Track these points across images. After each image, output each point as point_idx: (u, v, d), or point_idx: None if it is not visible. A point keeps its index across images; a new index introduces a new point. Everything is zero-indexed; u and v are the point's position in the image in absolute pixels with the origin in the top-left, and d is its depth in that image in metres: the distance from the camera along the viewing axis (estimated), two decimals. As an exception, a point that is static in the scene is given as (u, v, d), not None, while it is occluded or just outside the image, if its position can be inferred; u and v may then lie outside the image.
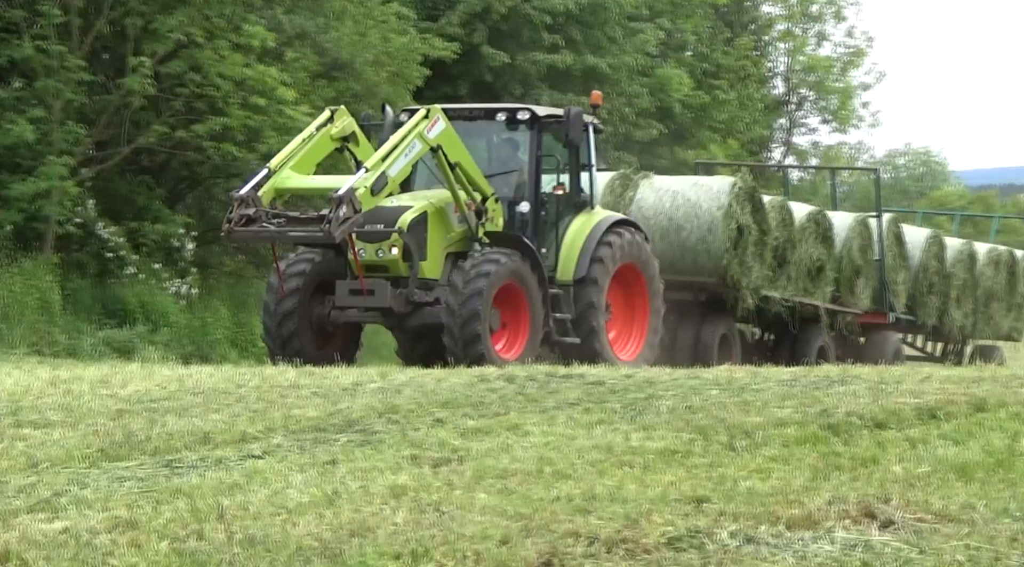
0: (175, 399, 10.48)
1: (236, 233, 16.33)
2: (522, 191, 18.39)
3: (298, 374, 12.41)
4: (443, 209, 17.62)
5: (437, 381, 11.90)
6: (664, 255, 21.55)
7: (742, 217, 22.47)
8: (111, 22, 28.62)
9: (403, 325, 17.67)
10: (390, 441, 8.56)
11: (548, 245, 18.46)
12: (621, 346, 19.14)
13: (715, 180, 23.40)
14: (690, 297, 22.54)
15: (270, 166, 16.87)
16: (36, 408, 9.86)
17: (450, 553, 5.64)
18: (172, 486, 7.12)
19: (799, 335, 24.77)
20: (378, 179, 16.35)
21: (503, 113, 18.70)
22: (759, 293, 22.87)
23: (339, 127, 17.33)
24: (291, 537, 5.86)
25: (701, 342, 22.60)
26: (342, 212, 15.74)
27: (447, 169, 17.22)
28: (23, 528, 6.10)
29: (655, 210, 22.61)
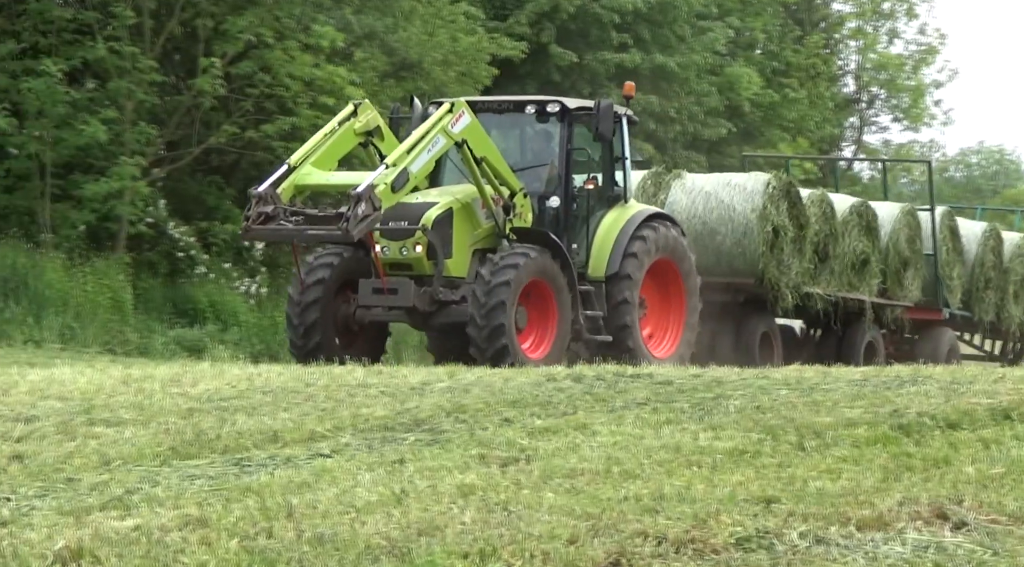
0: (245, 398, 10.54)
1: (253, 231, 15.98)
2: (553, 186, 17.91)
3: (366, 373, 12.45)
4: (469, 205, 17.13)
5: (505, 380, 11.90)
6: (699, 259, 21.01)
7: (777, 217, 22.00)
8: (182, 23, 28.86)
9: (428, 324, 17.28)
10: (458, 440, 8.57)
11: (579, 241, 17.98)
12: (656, 343, 18.69)
13: (749, 178, 22.76)
14: (728, 297, 22.12)
15: (290, 162, 16.43)
16: (108, 406, 9.94)
17: (518, 552, 5.63)
18: (242, 484, 7.15)
19: (846, 331, 24.19)
20: (399, 175, 15.89)
21: (532, 106, 18.14)
22: (800, 290, 22.40)
23: (363, 121, 16.81)
24: (359, 536, 5.87)
25: (741, 342, 22.16)
26: (360, 210, 15.30)
27: (473, 164, 16.78)
28: (96, 525, 6.15)
29: (688, 213, 22.12)
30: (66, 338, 24.00)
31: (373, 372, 12.74)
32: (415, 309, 16.64)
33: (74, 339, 24.10)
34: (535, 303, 16.92)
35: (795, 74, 51.18)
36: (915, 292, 25.31)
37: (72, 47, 26.91)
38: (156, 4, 28.38)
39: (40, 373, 12.05)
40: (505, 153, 17.63)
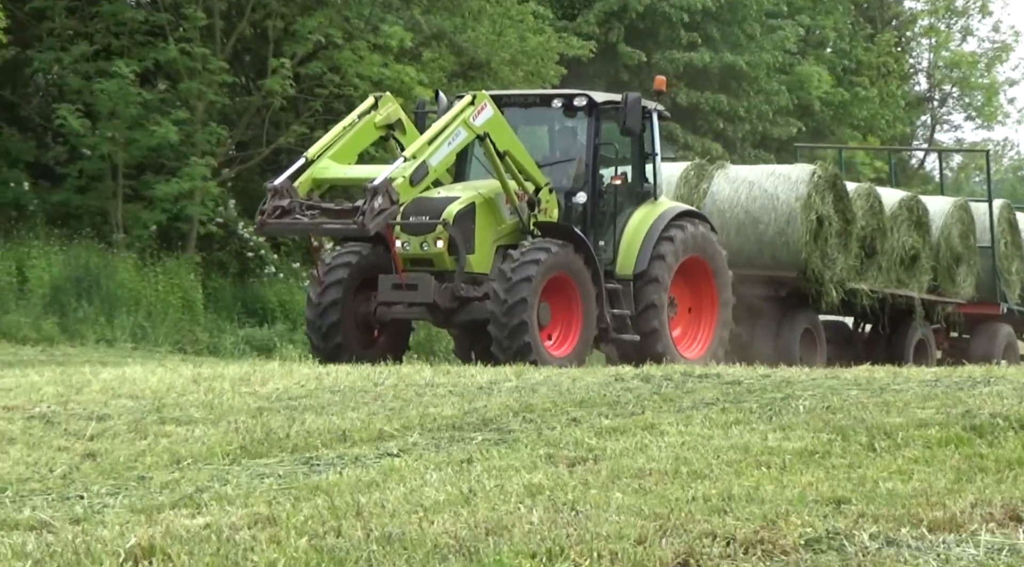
0: (314, 397, 10.58)
1: (269, 225, 15.61)
2: (580, 181, 17.46)
3: (434, 373, 12.47)
4: (492, 200, 16.71)
5: (572, 380, 11.89)
6: (741, 249, 20.73)
7: (822, 208, 21.37)
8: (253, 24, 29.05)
9: (450, 322, 16.81)
10: (526, 440, 8.56)
11: (607, 238, 17.56)
12: (687, 344, 18.24)
13: (794, 169, 22.15)
14: (770, 292, 21.48)
15: (307, 155, 16.11)
16: (179, 405, 10.01)
17: (586, 552, 5.62)
18: (311, 483, 7.18)
19: (895, 329, 23.54)
20: (418, 168, 15.52)
21: (559, 99, 17.67)
22: (844, 286, 21.73)
23: (383, 115, 16.45)
24: (427, 535, 5.88)
25: (781, 339, 21.47)
26: (377, 203, 14.97)
27: (495, 158, 16.37)
28: (167, 523, 6.19)
29: (730, 203, 21.50)
30: (137, 337, 24.22)
31: (441, 371, 12.76)
32: (436, 306, 16.23)
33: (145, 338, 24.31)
34: (558, 299, 16.51)
35: (866, 72, 50.83)
36: (968, 289, 24.61)
37: (144, 48, 27.15)
38: (227, 5, 28.58)
39: (112, 372, 12.16)
40: (531, 148, 17.27)
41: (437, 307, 16.21)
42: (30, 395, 10.34)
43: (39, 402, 10.03)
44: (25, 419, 9.26)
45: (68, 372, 12.18)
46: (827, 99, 47.10)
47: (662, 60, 41.63)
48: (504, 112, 16.93)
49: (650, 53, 41.51)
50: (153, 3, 28.02)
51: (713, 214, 20.82)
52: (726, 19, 42.66)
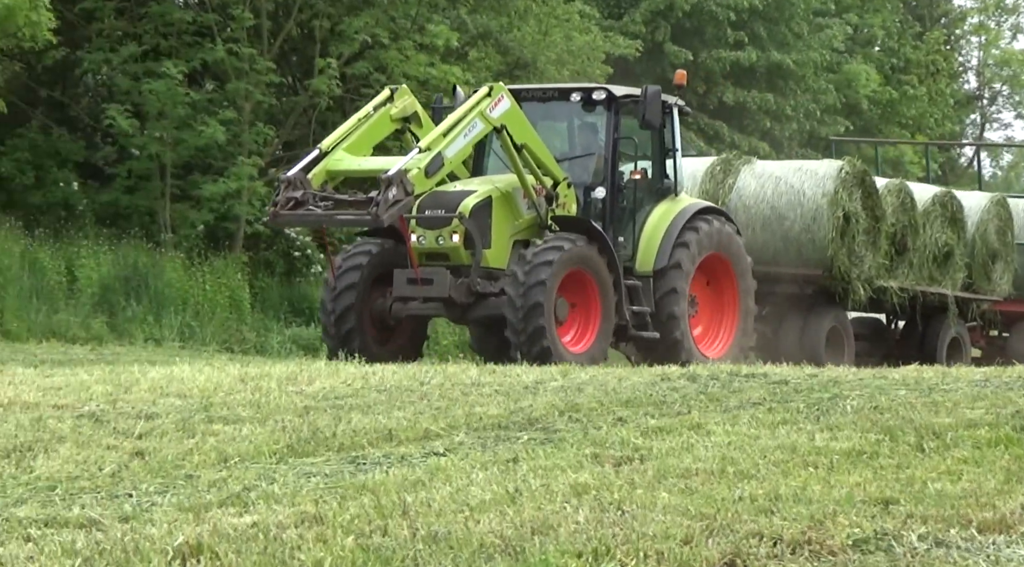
0: (360, 396, 10.61)
1: (282, 217, 15.38)
2: (599, 176, 17.23)
3: (480, 372, 12.48)
4: (510, 194, 16.45)
5: (619, 380, 11.87)
6: (766, 246, 20.49)
7: (850, 204, 20.94)
8: (299, 24, 29.17)
9: (467, 317, 16.53)
10: (572, 439, 8.55)
11: (626, 234, 17.28)
12: (708, 342, 17.94)
13: (821, 164, 21.79)
14: (795, 290, 21.14)
15: (321, 147, 15.92)
16: (226, 404, 10.05)
17: (632, 552, 5.61)
18: (357, 482, 7.19)
19: (927, 327, 23.09)
20: (433, 160, 15.27)
21: (578, 93, 17.41)
22: (872, 284, 21.31)
23: (399, 107, 16.25)
24: (473, 534, 5.88)
25: (807, 337, 21.08)
26: (391, 194, 14.71)
27: (512, 151, 16.13)
28: (214, 522, 6.21)
29: (756, 198, 21.13)
30: (185, 336, 24.36)
31: (487, 371, 12.77)
32: (452, 301, 15.94)
33: (193, 337, 24.44)
34: (576, 294, 16.23)
35: (915, 71, 50.56)
36: (1004, 286, 24.09)
37: (192, 49, 27.30)
38: (274, 6, 28.70)
39: (160, 371, 12.22)
40: (550, 143, 17.07)
41: (453, 302, 15.95)
42: (79, 394, 10.41)
43: (88, 401, 10.09)
44: (75, 418, 9.32)
45: (117, 371, 12.25)
46: (875, 98, 46.88)
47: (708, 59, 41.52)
48: (523, 106, 16.74)
49: (696, 52, 41.42)
50: (201, 4, 28.17)
51: (738, 210, 20.60)
52: (773, 17, 42.52)
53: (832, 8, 45.61)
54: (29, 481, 7.31)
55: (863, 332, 23.16)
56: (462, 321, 17.15)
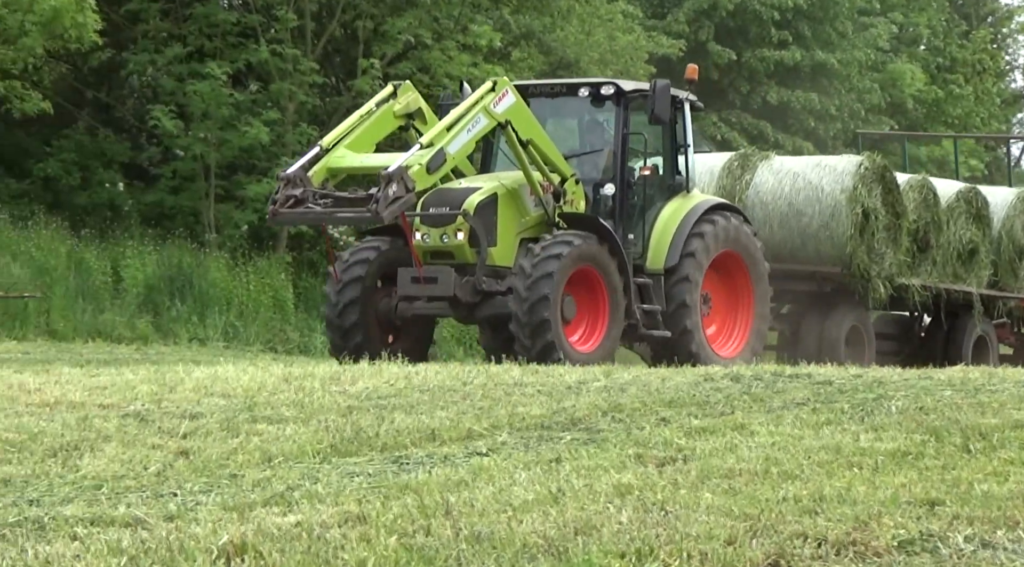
0: (403, 396, 10.62)
1: (281, 215, 15.06)
2: (609, 173, 16.86)
3: (523, 372, 12.48)
4: (516, 191, 16.11)
5: (662, 380, 11.84)
6: (784, 243, 20.08)
7: (869, 200, 20.36)
8: (343, 25, 29.25)
9: (473, 317, 16.13)
10: (615, 440, 8.54)
11: (636, 231, 16.91)
12: (723, 342, 17.56)
13: (840, 160, 21.22)
14: (813, 288, 20.72)
15: (322, 144, 15.57)
16: (270, 404, 10.08)
17: (675, 552, 5.60)
18: (400, 482, 7.20)
19: (953, 325, 22.51)
20: (435, 156, 14.96)
21: (586, 88, 17.01)
22: (894, 281, 20.79)
23: (403, 103, 15.94)
24: (516, 534, 5.88)
25: (826, 336, 20.55)
26: (392, 191, 14.44)
27: (518, 147, 15.79)
28: (258, 521, 6.23)
29: (774, 195, 20.57)
30: (229, 336, 24.47)
31: (529, 371, 12.76)
32: (457, 300, 15.60)
33: (237, 337, 24.55)
34: (584, 292, 15.89)
35: (961, 70, 50.25)
36: None
37: (236, 50, 27.43)
38: (317, 7, 28.79)
39: (204, 370, 12.27)
40: (560, 139, 16.80)
41: (459, 301, 15.64)
42: (125, 393, 10.46)
43: (134, 400, 10.14)
44: (120, 417, 9.37)
45: (162, 371, 12.31)
46: (920, 97, 46.62)
47: (752, 58, 41.40)
48: (531, 102, 16.53)
49: (740, 51, 41.30)
50: (245, 5, 28.30)
51: (756, 206, 20.27)
52: (817, 17, 42.35)
53: (877, 7, 45.39)
54: (75, 480, 7.36)
55: (888, 331, 22.79)
56: (468, 320, 16.78)
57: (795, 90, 41.79)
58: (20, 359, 16.99)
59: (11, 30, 24.22)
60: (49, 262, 24.59)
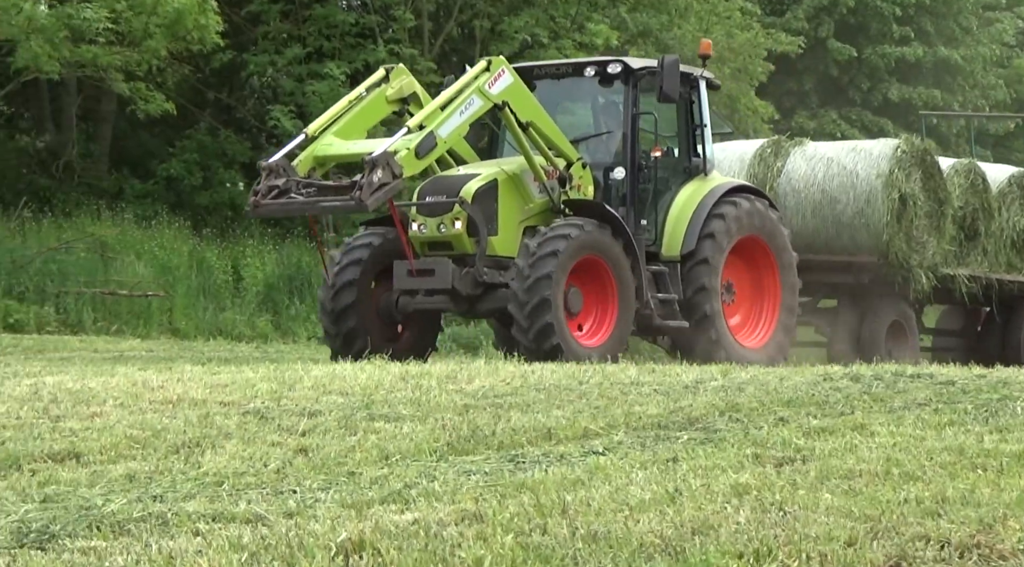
0: (519, 395, 10.62)
1: (263, 207, 14.33)
2: (621, 156, 16.04)
3: (639, 371, 12.43)
4: (518, 177, 15.28)
5: (780, 379, 11.74)
6: (817, 232, 19.23)
7: (907, 185, 19.31)
8: (460, 25, 29.36)
9: (475, 310, 15.29)
10: (732, 439, 8.48)
11: (650, 216, 16.04)
12: (748, 332, 16.58)
13: (877, 144, 20.10)
14: (850, 279, 19.53)
15: (307, 131, 14.89)
16: (387, 402, 10.14)
17: (794, 553, 5.54)
18: (516, 481, 7.21)
19: (1009, 318, 21.35)
20: (425, 139, 14.17)
21: (592, 67, 16.17)
22: (937, 271, 19.71)
23: (396, 88, 15.17)
24: (633, 534, 5.85)
25: (865, 331, 19.53)
26: (376, 177, 13.71)
27: (517, 130, 14.99)
28: (376, 518, 6.26)
29: (806, 181, 19.59)
30: (348, 335, 24.57)
31: (646, 370, 12.71)
32: (457, 293, 14.76)
33: (356, 336, 24.65)
34: (591, 284, 15.04)
35: (1088, 64, 49.28)
36: None
37: (354, 50, 27.65)
38: (435, 7, 28.93)
39: (323, 369, 12.37)
40: (570, 122, 16.19)
41: (458, 294, 14.81)
42: (245, 391, 10.58)
43: (254, 398, 10.25)
44: (240, 414, 9.47)
45: (281, 369, 12.43)
46: (1046, 92, 45.80)
47: (873, 55, 40.94)
48: (538, 85, 15.97)
49: (861, 48, 40.86)
50: (363, 6, 28.51)
51: (787, 194, 19.50)
52: (940, 12, 41.80)
53: (1002, 2, 44.67)
54: (197, 476, 7.45)
55: (946, 326, 21.88)
56: (470, 314, 16.01)
57: (917, 87, 41.26)
58: (144, 357, 17.26)
59: (136, 32, 24.61)
60: (172, 261, 24.96)
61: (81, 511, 6.45)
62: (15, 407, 9.61)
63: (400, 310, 15.34)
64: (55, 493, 6.98)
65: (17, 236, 24.78)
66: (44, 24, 23.65)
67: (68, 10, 23.91)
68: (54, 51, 23.72)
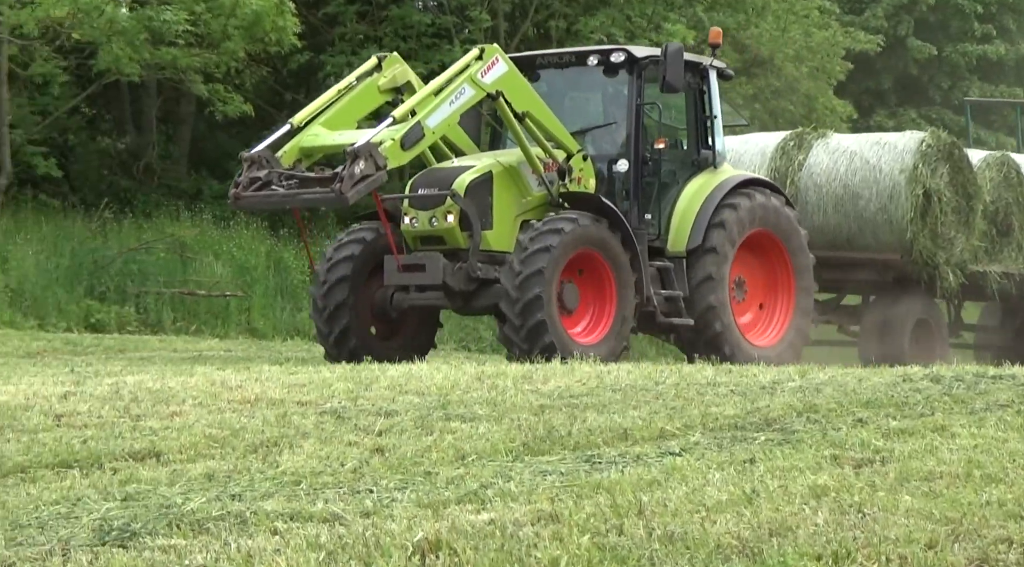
0: (595, 395, 10.61)
1: (243, 199, 13.88)
2: (625, 148, 15.55)
3: (716, 372, 12.38)
4: (515, 169, 14.83)
5: (858, 380, 11.64)
6: (839, 229, 18.71)
7: (932, 180, 18.63)
8: (536, 25, 29.36)
9: (470, 307, 14.77)
10: (810, 440, 8.42)
11: (655, 210, 15.56)
12: (760, 331, 16.06)
13: (901, 137, 19.42)
14: (874, 276, 19.02)
15: (293, 122, 14.42)
16: (463, 402, 10.15)
17: (873, 556, 5.50)
18: (592, 481, 7.20)
19: None
20: (411, 130, 13.71)
21: (595, 56, 15.68)
22: (966, 268, 19.07)
23: (388, 77, 14.70)
24: (710, 535, 5.83)
25: (889, 331, 18.92)
26: (358, 169, 13.23)
27: (512, 121, 14.50)
28: (452, 518, 6.28)
29: (828, 176, 18.96)
30: (424, 335, 24.62)
31: (723, 371, 12.65)
32: (450, 289, 14.31)
33: (432, 336, 24.70)
34: (589, 281, 14.64)
35: None
36: None
37: (430, 51, 27.71)
38: (511, 7, 28.96)
39: (399, 369, 12.41)
40: (575, 113, 15.76)
41: (451, 289, 14.35)
42: (322, 391, 10.63)
43: (331, 398, 10.30)
44: (318, 414, 9.52)
45: (357, 369, 12.48)
46: None
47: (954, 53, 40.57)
48: (542, 75, 15.64)
49: (941, 46, 40.49)
50: (439, 6, 28.59)
51: (809, 189, 18.96)
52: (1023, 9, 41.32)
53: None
54: (275, 476, 7.50)
55: (986, 323, 21.31)
56: (465, 311, 15.34)
57: (999, 85, 40.81)
58: (222, 357, 17.39)
59: (214, 34, 24.81)
60: (249, 261, 25.14)
61: (161, 509, 6.51)
62: (97, 406, 9.72)
63: (395, 307, 14.96)
64: (136, 491, 7.05)
65: (98, 237, 25.06)
66: (125, 27, 23.91)
67: (148, 12, 24.16)
68: (135, 53, 23.97)
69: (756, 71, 31.87)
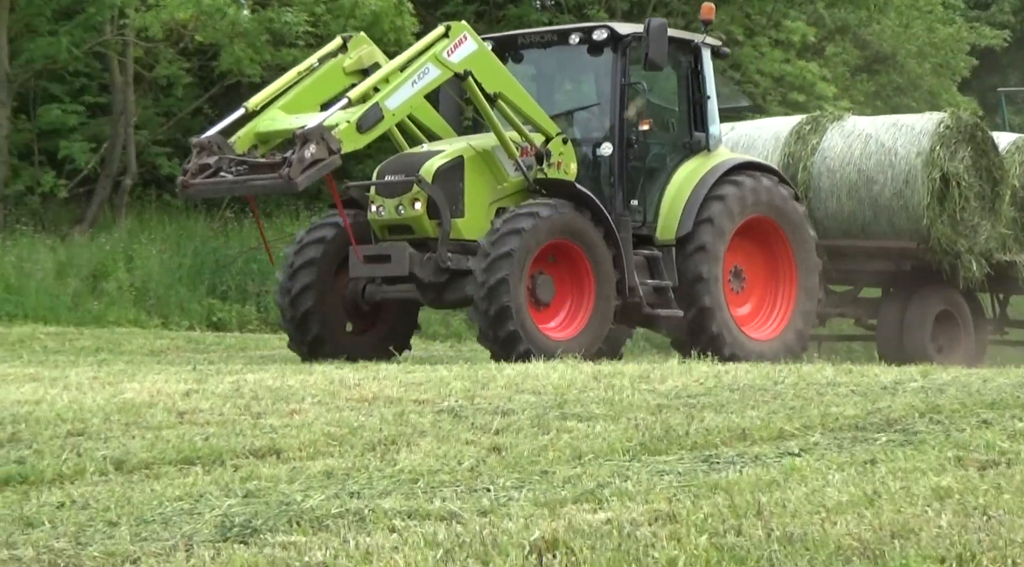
0: (712, 395, 10.55)
1: (192, 187, 13.19)
2: (610, 130, 14.83)
3: (836, 372, 12.25)
4: (488, 154, 14.13)
5: (983, 381, 11.46)
6: (854, 215, 17.79)
7: (951, 164, 17.56)
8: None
9: (442, 300, 14.13)
10: (932, 441, 8.31)
11: (641, 196, 14.87)
12: (759, 323, 15.39)
13: (919, 118, 18.35)
14: (890, 266, 18.09)
15: (247, 106, 13.70)
16: (580, 401, 10.14)
17: (999, 559, 5.41)
18: (710, 481, 7.16)
19: None
20: (369, 112, 12.98)
21: (576, 34, 14.93)
22: (991, 257, 18.03)
23: (354, 58, 13.99)
24: (830, 536, 5.77)
25: (908, 322, 18.01)
26: (309, 153, 12.54)
27: (483, 102, 13.79)
28: (569, 517, 6.27)
29: (842, 160, 17.97)
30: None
31: (843, 370, 12.52)
32: (419, 280, 13.68)
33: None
34: (565, 270, 13.98)
35: None
36: None
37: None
38: (629, 6, 28.92)
39: (515, 368, 12.42)
40: (554, 94, 15.22)
41: (420, 281, 13.71)
42: (439, 389, 10.68)
43: (448, 396, 10.34)
44: (435, 413, 9.56)
45: (474, 368, 12.51)
46: None
47: (1081, 47, 39.74)
48: (525, 55, 15.12)
49: (1069, 40, 39.70)
50: (557, 6, 28.62)
51: (822, 174, 18.03)
52: None
53: None
54: (393, 473, 7.54)
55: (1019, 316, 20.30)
56: (438, 304, 14.58)
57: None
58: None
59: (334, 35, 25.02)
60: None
61: (281, 506, 6.58)
62: (218, 404, 9.84)
63: (367, 299, 14.40)
64: (256, 488, 7.13)
65: (220, 236, 25.40)
66: (246, 28, 24.22)
67: (269, 14, 24.45)
68: (256, 54, 24.27)
69: (878, 68, 31.50)
